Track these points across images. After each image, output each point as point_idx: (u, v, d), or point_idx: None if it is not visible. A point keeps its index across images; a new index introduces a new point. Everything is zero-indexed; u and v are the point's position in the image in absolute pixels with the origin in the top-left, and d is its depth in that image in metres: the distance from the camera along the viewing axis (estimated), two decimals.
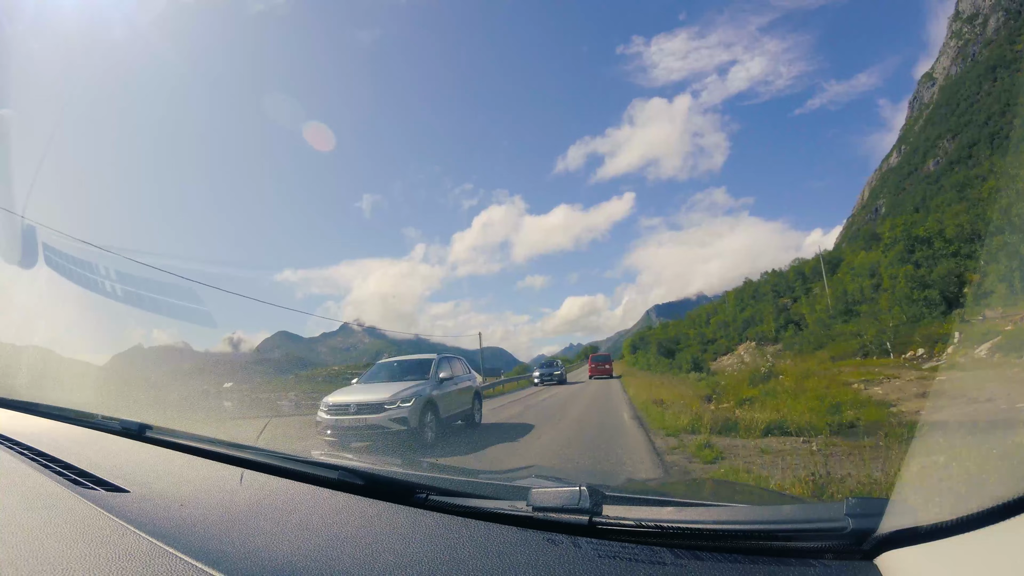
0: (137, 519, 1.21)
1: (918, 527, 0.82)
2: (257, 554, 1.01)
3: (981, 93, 78.68)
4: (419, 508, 1.26)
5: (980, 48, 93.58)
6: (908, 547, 0.82)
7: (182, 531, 1.14)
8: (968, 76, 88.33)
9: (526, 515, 1.10)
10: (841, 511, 0.89)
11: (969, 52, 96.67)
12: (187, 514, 1.25)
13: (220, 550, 1.03)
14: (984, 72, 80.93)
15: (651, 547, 0.96)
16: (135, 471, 1.66)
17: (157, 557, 1.00)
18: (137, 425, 2.07)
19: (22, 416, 2.72)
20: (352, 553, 1.00)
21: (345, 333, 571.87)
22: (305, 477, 1.49)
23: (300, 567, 0.95)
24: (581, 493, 1.05)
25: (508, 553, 0.97)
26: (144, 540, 1.09)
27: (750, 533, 0.94)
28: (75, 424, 2.43)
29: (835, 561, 0.88)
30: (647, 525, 0.98)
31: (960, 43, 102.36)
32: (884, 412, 9.92)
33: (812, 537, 0.91)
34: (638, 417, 11.40)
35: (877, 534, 0.85)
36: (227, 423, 11.67)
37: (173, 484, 1.53)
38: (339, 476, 1.41)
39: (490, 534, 1.08)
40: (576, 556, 0.95)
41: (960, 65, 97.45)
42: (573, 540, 1.01)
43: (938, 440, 3.98)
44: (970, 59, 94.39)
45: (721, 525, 0.96)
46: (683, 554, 0.93)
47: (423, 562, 0.95)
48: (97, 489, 1.46)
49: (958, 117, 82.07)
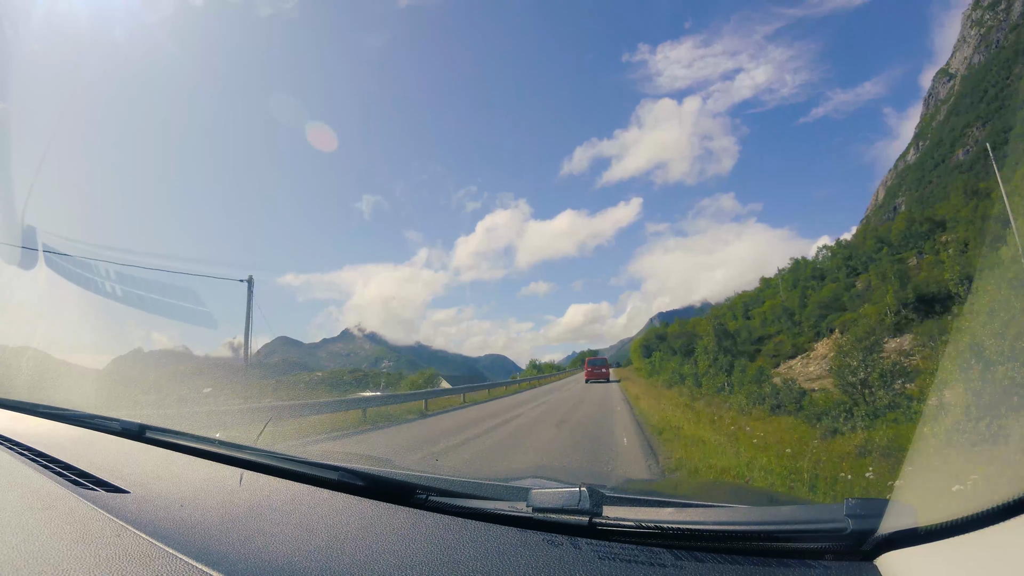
0: (137, 520, 1.23)
1: (918, 528, 0.83)
2: (257, 555, 1.03)
3: (1012, 77, 77.64)
4: (419, 509, 1.27)
5: (1005, 34, 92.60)
6: (908, 548, 0.83)
7: (182, 532, 1.16)
8: (994, 63, 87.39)
9: (526, 516, 1.12)
10: (841, 512, 0.90)
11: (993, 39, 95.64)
12: (187, 515, 1.27)
13: (220, 551, 1.05)
14: (1012, 56, 79.93)
15: (651, 548, 0.98)
16: (135, 472, 1.69)
17: (157, 558, 1.02)
18: (137, 426, 2.10)
19: (22, 417, 2.77)
20: (352, 554, 1.02)
21: (346, 339, 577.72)
22: (305, 478, 1.52)
23: (300, 568, 0.96)
24: (581, 494, 1.06)
25: (508, 554, 0.99)
26: (144, 541, 1.11)
27: (750, 534, 0.96)
28: (75, 425, 2.46)
29: (835, 562, 0.89)
30: (647, 526, 1.00)
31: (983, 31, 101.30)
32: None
33: (812, 538, 0.92)
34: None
35: (877, 535, 0.86)
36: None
37: (173, 485, 1.56)
38: (339, 477, 1.43)
39: (490, 535, 1.10)
40: (576, 557, 0.96)
41: (983, 53, 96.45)
42: (573, 541, 1.03)
43: (939, 440, 3.89)
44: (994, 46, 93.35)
45: (721, 526, 0.98)
46: (683, 555, 0.94)
47: (423, 563, 0.97)
48: (97, 490, 1.49)
49: (987, 104, 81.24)
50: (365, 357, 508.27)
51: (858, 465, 6.54)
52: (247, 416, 9.69)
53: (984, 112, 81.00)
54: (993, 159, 37.55)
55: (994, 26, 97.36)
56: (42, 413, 2.73)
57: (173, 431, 2.05)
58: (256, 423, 9.12)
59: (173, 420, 7.39)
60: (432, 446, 8.78)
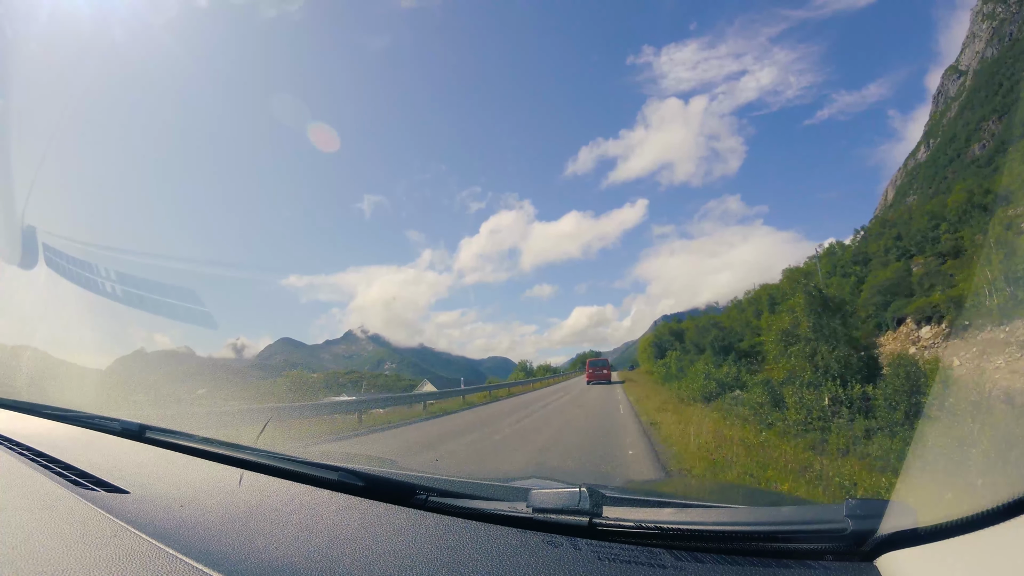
0: (137, 520, 1.24)
1: (918, 528, 0.83)
2: (257, 555, 1.04)
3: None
4: (419, 509, 1.28)
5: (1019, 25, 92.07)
6: (908, 548, 0.84)
7: (182, 532, 1.17)
8: (1008, 55, 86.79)
9: (526, 516, 1.13)
10: (841, 512, 0.91)
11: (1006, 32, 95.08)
12: (187, 515, 1.28)
13: (220, 551, 1.06)
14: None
15: (651, 549, 0.98)
16: (135, 472, 1.70)
17: (157, 558, 1.03)
18: (137, 426, 2.11)
19: (23, 417, 2.78)
20: (352, 554, 1.03)
21: (348, 340, 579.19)
22: (305, 478, 1.52)
23: (300, 568, 0.97)
24: (581, 494, 1.07)
25: (508, 554, 1.00)
26: (144, 541, 1.12)
27: (750, 534, 0.96)
28: (75, 425, 2.48)
29: (835, 562, 0.89)
30: (647, 526, 1.00)
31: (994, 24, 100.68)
32: None
33: (812, 538, 0.92)
34: None
35: (877, 535, 0.87)
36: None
37: (173, 485, 1.57)
38: (339, 477, 1.44)
39: (490, 535, 1.10)
40: (576, 558, 0.97)
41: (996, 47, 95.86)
42: (573, 541, 1.04)
43: (940, 440, 3.82)
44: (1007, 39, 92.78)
45: (721, 526, 0.98)
46: (683, 555, 0.95)
47: (423, 563, 0.98)
48: (97, 490, 1.50)
49: (1002, 97, 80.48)
50: (367, 359, 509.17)
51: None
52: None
53: (1000, 105, 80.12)
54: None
55: (1006, 19, 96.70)
56: (42, 413, 2.75)
57: (173, 431, 2.06)
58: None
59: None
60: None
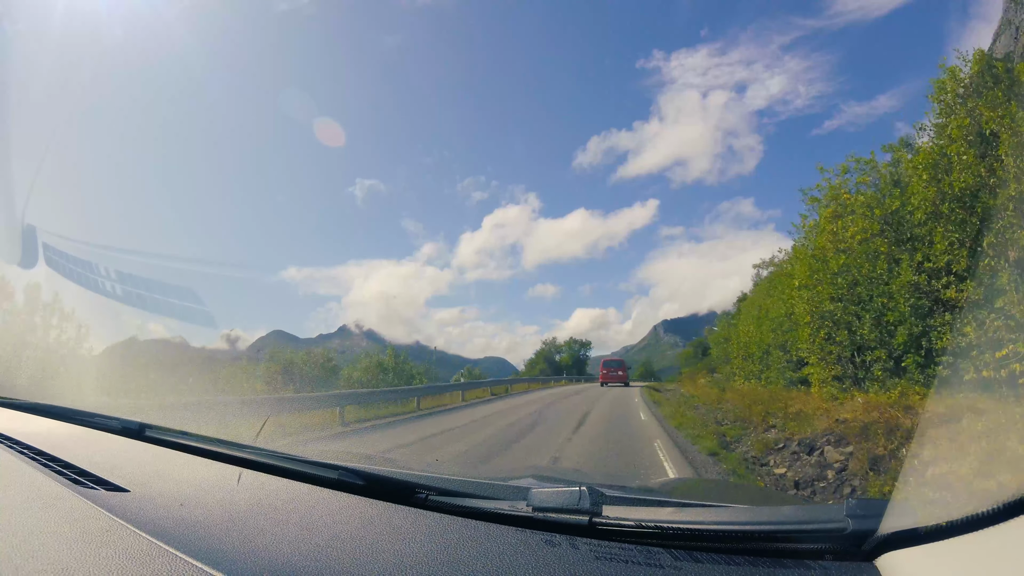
0: (137, 519, 1.24)
1: (918, 528, 0.83)
2: (257, 554, 1.04)
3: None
4: (419, 508, 1.28)
5: None
6: (908, 548, 0.84)
7: (182, 531, 1.17)
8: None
9: (526, 515, 1.13)
10: (841, 512, 0.91)
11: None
12: (187, 514, 1.28)
13: (220, 550, 1.06)
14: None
15: (651, 548, 0.98)
16: (135, 470, 1.70)
17: (157, 557, 1.03)
18: (137, 424, 2.11)
19: (22, 415, 2.77)
20: (352, 553, 1.03)
21: (343, 335, 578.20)
22: (305, 477, 1.53)
23: (300, 567, 0.97)
24: (581, 494, 1.07)
25: (508, 553, 1.00)
26: (144, 540, 1.12)
27: (750, 534, 0.96)
28: (74, 423, 2.47)
29: (835, 562, 0.89)
30: (647, 526, 1.00)
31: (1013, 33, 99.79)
32: None
33: (812, 538, 0.92)
34: None
35: (877, 535, 0.87)
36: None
37: (173, 484, 1.57)
38: (339, 476, 1.44)
39: (490, 534, 1.10)
40: (575, 557, 0.97)
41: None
42: (572, 541, 1.04)
43: (940, 440, 3.82)
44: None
45: (721, 526, 0.98)
46: (682, 555, 0.95)
47: (423, 562, 0.98)
48: (97, 488, 1.50)
49: None
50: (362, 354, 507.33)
51: None
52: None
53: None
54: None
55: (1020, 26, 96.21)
56: (41, 411, 2.75)
57: (173, 430, 2.06)
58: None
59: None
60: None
